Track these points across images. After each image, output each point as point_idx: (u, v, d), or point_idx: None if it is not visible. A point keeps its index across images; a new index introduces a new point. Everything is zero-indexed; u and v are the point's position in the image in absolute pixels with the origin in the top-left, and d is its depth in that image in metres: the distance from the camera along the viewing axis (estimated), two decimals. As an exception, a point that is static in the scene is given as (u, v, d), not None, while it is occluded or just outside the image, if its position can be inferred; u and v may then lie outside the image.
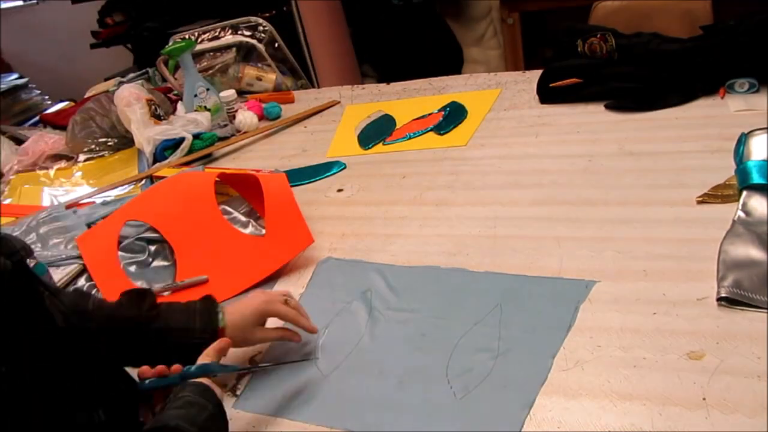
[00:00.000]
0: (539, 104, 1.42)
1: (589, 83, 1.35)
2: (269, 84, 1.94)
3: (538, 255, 0.92)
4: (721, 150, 1.05)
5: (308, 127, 1.64)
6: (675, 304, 0.77)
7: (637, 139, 1.17)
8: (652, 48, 1.30)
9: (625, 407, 0.66)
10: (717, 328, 0.72)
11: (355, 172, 1.34)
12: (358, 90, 1.81)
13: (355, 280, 0.97)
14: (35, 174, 1.68)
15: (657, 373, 0.69)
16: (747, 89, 1.22)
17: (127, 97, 1.63)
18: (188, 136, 1.53)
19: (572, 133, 1.25)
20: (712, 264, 0.81)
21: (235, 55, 1.93)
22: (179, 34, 2.05)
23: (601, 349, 0.74)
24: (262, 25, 1.99)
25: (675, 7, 1.76)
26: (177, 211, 1.16)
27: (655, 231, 0.91)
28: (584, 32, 1.38)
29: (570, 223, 0.98)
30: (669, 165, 1.06)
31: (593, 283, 0.84)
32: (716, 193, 0.95)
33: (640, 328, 0.75)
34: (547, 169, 1.15)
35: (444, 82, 1.69)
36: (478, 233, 1.01)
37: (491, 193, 1.12)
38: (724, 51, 1.23)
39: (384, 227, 1.10)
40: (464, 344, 0.80)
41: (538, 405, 0.69)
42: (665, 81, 1.27)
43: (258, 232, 1.17)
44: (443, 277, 0.93)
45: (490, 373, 0.75)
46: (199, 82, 1.62)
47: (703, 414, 0.63)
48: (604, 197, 1.02)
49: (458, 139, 1.36)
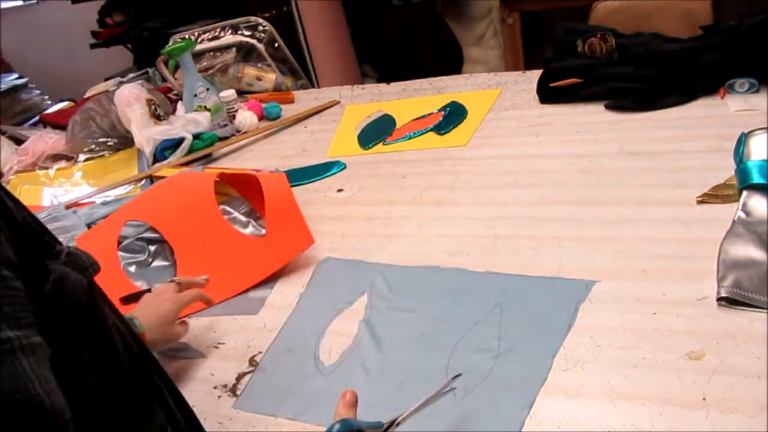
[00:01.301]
0: (539, 104, 1.42)
1: (589, 83, 1.35)
2: (269, 84, 1.94)
3: (538, 255, 0.92)
4: (721, 150, 1.05)
5: (308, 127, 1.64)
6: (675, 304, 0.77)
7: (637, 139, 1.17)
8: (652, 48, 1.30)
9: (625, 407, 0.66)
10: (717, 328, 0.72)
11: (355, 172, 1.34)
12: (358, 90, 1.81)
13: (355, 280, 0.97)
14: (35, 174, 1.68)
15: (657, 373, 0.69)
16: (747, 89, 1.22)
17: (127, 97, 1.63)
18: (188, 136, 1.53)
19: (572, 133, 1.25)
20: (712, 264, 0.81)
21: (235, 55, 1.93)
22: (179, 34, 2.05)
23: (601, 349, 0.74)
24: (262, 25, 1.99)
25: (675, 7, 1.76)
26: (177, 211, 1.16)
27: (655, 231, 0.91)
28: (584, 32, 1.38)
29: (570, 223, 0.98)
30: (669, 165, 1.06)
31: (593, 283, 0.84)
32: (716, 193, 0.95)
33: (640, 327, 0.75)
34: (547, 169, 1.15)
35: (444, 82, 1.69)
36: (478, 233, 1.01)
37: (491, 193, 1.12)
38: (724, 51, 1.23)
39: (384, 227, 1.10)
40: (464, 344, 0.80)
41: (538, 405, 0.69)
42: (665, 81, 1.27)
43: (258, 232, 1.17)
44: (443, 277, 0.93)
45: (490, 373, 0.75)
46: (199, 82, 1.62)
47: (703, 414, 0.63)
48: (604, 197, 1.02)
49: (458, 139, 1.36)
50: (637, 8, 1.80)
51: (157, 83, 2.02)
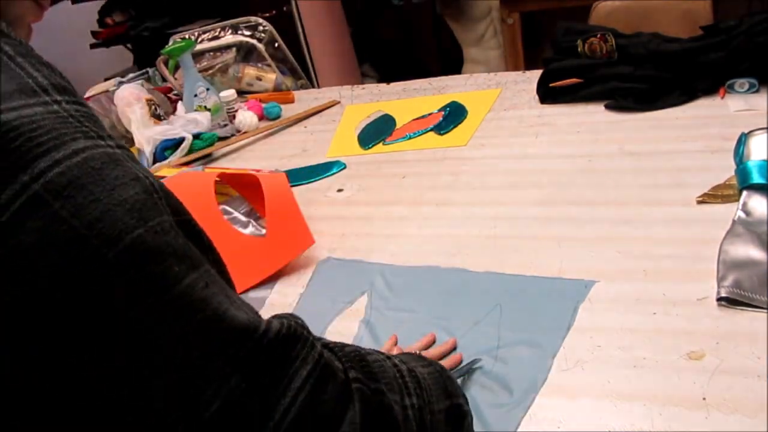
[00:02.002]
0: (539, 104, 1.42)
1: (589, 83, 1.35)
2: (269, 84, 1.94)
3: (538, 255, 0.92)
4: (721, 150, 1.05)
5: (308, 127, 1.64)
6: (675, 304, 0.77)
7: (637, 139, 1.17)
8: (652, 48, 1.30)
9: (625, 407, 0.66)
10: (717, 328, 0.72)
11: (355, 172, 1.34)
12: (358, 90, 1.81)
13: (355, 280, 0.97)
14: (35, 174, 1.67)
15: (657, 373, 0.69)
16: (747, 89, 1.22)
17: (127, 97, 1.63)
18: (188, 136, 1.53)
19: (572, 133, 1.25)
20: (712, 264, 0.81)
21: (235, 55, 1.93)
22: (179, 34, 2.05)
23: (601, 349, 0.74)
24: (262, 25, 1.99)
25: (675, 7, 1.77)
26: (177, 211, 1.16)
27: (655, 231, 0.91)
28: (584, 32, 1.38)
29: (570, 223, 0.98)
30: (669, 165, 1.06)
31: (592, 283, 0.83)
32: (716, 193, 0.95)
33: (640, 328, 0.75)
34: (547, 169, 1.15)
35: (444, 82, 1.69)
36: (478, 233, 1.01)
37: (491, 193, 1.12)
38: (724, 51, 1.23)
39: (384, 227, 1.10)
40: (464, 344, 0.80)
41: (538, 405, 0.69)
42: (665, 81, 1.27)
43: (258, 232, 1.17)
44: (443, 277, 0.93)
45: (489, 372, 0.75)
46: (199, 82, 1.62)
47: (703, 414, 0.63)
48: (604, 197, 1.02)
49: (458, 139, 1.36)
50: (637, 8, 1.80)
51: (157, 83, 2.02)
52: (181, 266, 0.35)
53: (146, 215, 0.34)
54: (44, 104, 0.32)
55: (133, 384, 0.34)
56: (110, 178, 0.33)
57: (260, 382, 0.37)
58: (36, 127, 0.31)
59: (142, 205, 0.34)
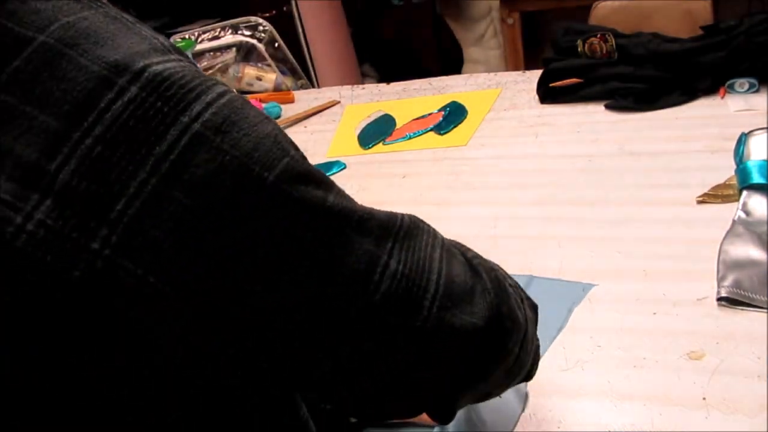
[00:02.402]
0: (539, 104, 1.41)
1: (589, 83, 1.35)
2: (269, 84, 1.94)
3: (538, 255, 0.92)
4: (721, 150, 1.05)
5: (308, 127, 1.64)
6: (675, 304, 0.77)
7: (637, 139, 1.17)
8: (652, 48, 1.30)
9: (625, 407, 0.66)
10: (717, 328, 0.72)
11: (355, 172, 1.34)
12: (358, 90, 1.81)
13: (355, 280, 0.97)
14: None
15: (657, 373, 0.69)
16: (747, 89, 1.22)
17: (127, 97, 1.63)
18: (188, 136, 1.53)
19: (572, 133, 1.25)
20: (712, 264, 0.81)
21: (235, 55, 1.93)
22: (179, 34, 2.05)
23: (601, 349, 0.74)
24: (262, 25, 1.99)
25: (675, 7, 1.77)
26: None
27: (655, 231, 0.91)
28: (584, 32, 1.38)
29: (570, 223, 0.98)
30: (669, 165, 1.06)
31: (590, 286, 0.83)
32: (716, 193, 0.95)
33: (640, 328, 0.75)
34: (547, 169, 1.15)
35: (444, 82, 1.69)
36: (478, 233, 1.01)
37: (491, 193, 1.12)
38: (724, 51, 1.23)
39: (384, 227, 1.10)
40: (464, 344, 0.80)
41: (538, 405, 0.69)
42: (665, 81, 1.27)
43: (258, 232, 1.17)
44: (443, 277, 0.93)
45: (490, 373, 0.74)
46: (199, 82, 1.61)
47: (703, 414, 0.63)
48: (604, 197, 1.02)
49: (458, 139, 1.36)
50: (637, 8, 1.80)
51: (157, 83, 2.02)
52: (322, 186, 0.40)
53: (286, 147, 0.38)
54: (176, 60, 0.36)
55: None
56: (251, 116, 0.37)
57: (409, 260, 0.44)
58: (182, 76, 0.34)
59: (282, 139, 0.38)
